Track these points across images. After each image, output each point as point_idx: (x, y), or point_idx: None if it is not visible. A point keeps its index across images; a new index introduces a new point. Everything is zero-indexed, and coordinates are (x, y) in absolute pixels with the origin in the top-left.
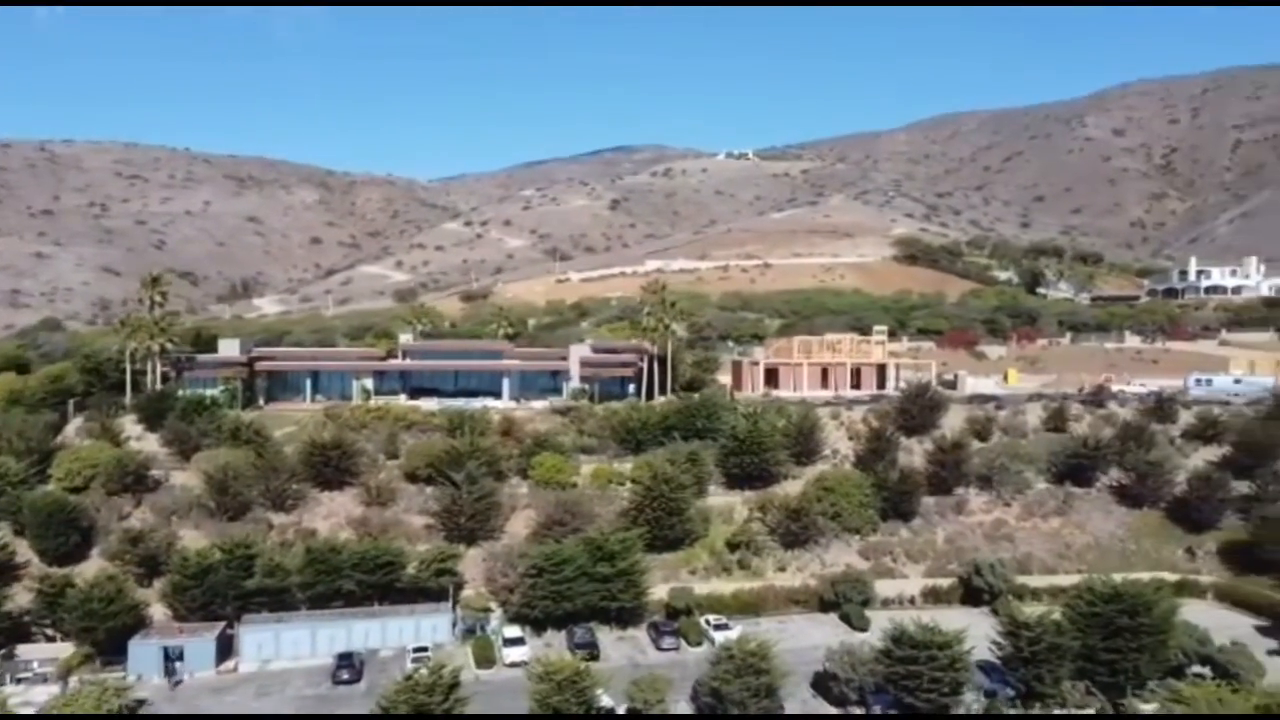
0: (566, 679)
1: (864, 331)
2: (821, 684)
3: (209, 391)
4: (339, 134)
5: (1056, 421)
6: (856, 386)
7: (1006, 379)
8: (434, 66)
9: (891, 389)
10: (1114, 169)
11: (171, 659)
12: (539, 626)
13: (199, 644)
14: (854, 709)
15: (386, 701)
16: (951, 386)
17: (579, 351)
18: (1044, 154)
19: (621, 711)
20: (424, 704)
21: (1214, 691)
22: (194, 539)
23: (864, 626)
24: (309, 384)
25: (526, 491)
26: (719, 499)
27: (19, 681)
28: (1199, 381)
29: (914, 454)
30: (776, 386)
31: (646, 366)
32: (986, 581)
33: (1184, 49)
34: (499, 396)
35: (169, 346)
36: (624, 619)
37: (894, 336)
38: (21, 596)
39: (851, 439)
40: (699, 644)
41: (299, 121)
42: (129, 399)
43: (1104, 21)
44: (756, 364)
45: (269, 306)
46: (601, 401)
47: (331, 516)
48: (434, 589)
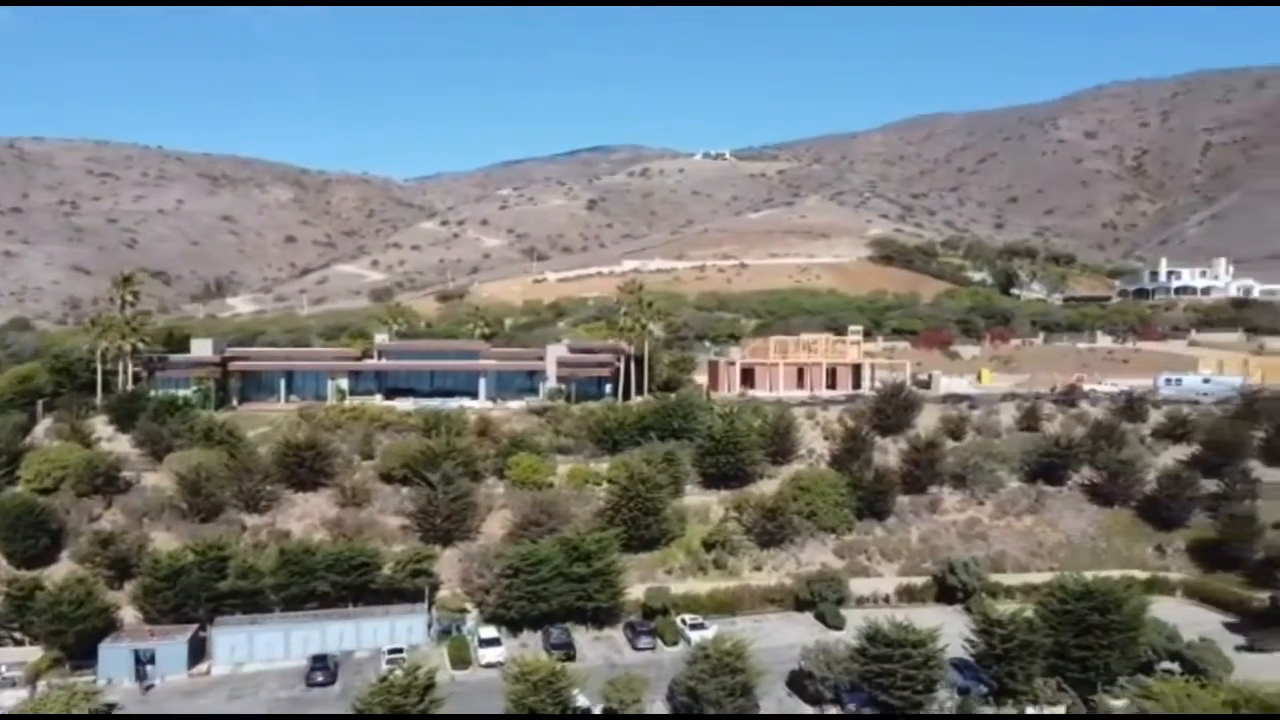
0: (542, 679)
1: (839, 332)
2: (797, 683)
3: (182, 392)
4: (314, 132)
5: (1029, 421)
6: (832, 386)
7: (980, 379)
8: (412, 65)
9: (867, 389)
10: (1086, 171)
11: (142, 662)
12: (515, 627)
13: (171, 647)
14: (829, 707)
15: (361, 704)
16: (926, 386)
17: (556, 351)
18: (1018, 156)
19: (597, 711)
20: (399, 705)
21: (1183, 687)
22: (166, 541)
23: (839, 625)
24: (283, 384)
25: (503, 492)
26: (695, 499)
27: None
28: (1169, 381)
29: (889, 453)
30: (753, 386)
31: (623, 366)
32: (960, 580)
33: (1155, 53)
34: (475, 396)
35: (141, 346)
36: (600, 619)
37: (869, 336)
38: None
39: (827, 439)
40: (675, 644)
41: (274, 120)
42: (100, 399)
43: (1077, 25)
44: (733, 364)
45: (243, 306)
46: (578, 401)
47: (306, 518)
48: (409, 590)
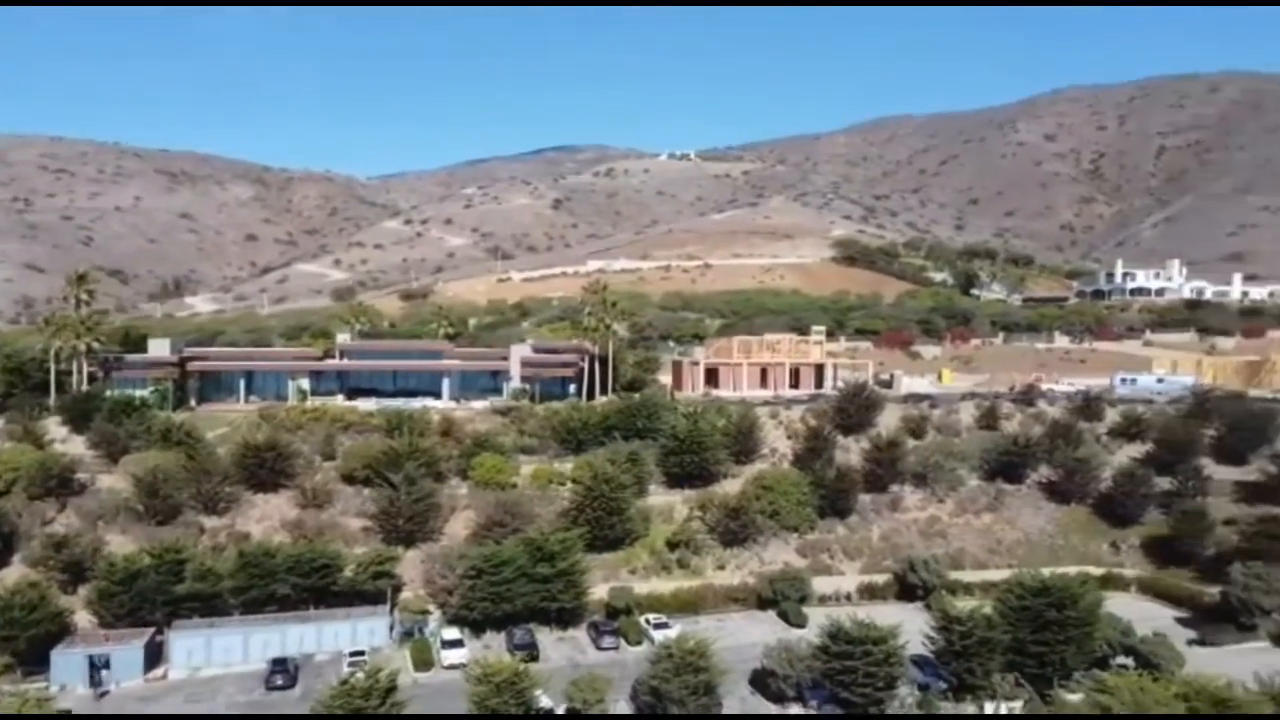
0: (505, 680)
1: (803, 332)
2: (760, 681)
3: (138, 392)
4: (276, 129)
5: (989, 420)
6: (795, 386)
7: (941, 378)
8: (376, 64)
9: (829, 388)
10: (1045, 173)
11: (97, 667)
12: (478, 628)
13: (126, 652)
14: (792, 705)
15: (322, 706)
16: (888, 386)
17: (520, 351)
18: (978, 158)
19: (560, 712)
20: (360, 708)
21: (1136, 681)
22: (122, 544)
23: (801, 623)
24: (243, 384)
25: (466, 492)
26: (659, 498)
27: None
28: (1124, 381)
29: (851, 452)
30: (716, 386)
31: (587, 366)
32: (920, 577)
33: (1112, 58)
34: (439, 397)
35: (96, 346)
36: (564, 619)
37: (832, 337)
38: None
39: (790, 438)
40: (639, 643)
41: (235, 116)
42: (53, 400)
43: (1036, 29)
44: (697, 364)
45: (202, 305)
46: (542, 401)
47: (266, 519)
48: (371, 592)
